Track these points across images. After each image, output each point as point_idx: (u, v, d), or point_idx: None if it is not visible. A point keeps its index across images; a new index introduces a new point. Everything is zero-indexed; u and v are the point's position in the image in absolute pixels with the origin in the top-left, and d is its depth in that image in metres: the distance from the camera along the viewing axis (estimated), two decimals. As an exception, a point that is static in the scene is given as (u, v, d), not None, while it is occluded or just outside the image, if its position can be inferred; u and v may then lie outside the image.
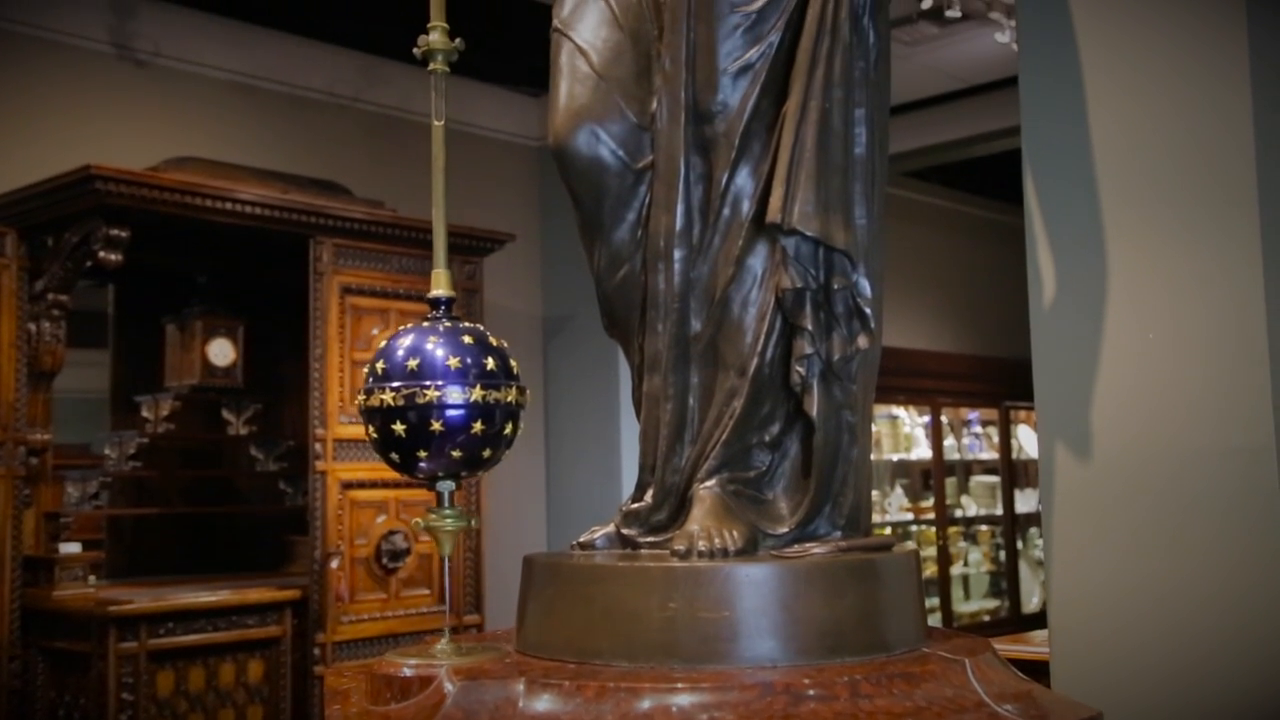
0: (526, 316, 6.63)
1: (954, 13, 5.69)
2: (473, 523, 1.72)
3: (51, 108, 5.08)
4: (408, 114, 6.13)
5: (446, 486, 1.69)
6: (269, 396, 5.56)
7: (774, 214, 1.69)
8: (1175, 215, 2.03)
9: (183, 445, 5.39)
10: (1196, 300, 1.99)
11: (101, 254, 4.41)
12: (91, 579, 4.62)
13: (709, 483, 1.76)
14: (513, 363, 1.69)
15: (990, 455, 9.06)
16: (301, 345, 4.97)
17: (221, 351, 5.32)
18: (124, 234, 4.42)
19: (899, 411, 8.40)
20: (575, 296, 6.42)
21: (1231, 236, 1.96)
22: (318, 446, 4.86)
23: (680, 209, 1.77)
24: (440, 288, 1.72)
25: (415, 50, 1.74)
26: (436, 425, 1.61)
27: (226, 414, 5.42)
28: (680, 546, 1.66)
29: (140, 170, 4.54)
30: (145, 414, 5.31)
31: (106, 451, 5.17)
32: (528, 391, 1.71)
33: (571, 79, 1.81)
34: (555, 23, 1.86)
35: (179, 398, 5.25)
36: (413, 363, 1.63)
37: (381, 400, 1.63)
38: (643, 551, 1.78)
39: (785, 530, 1.73)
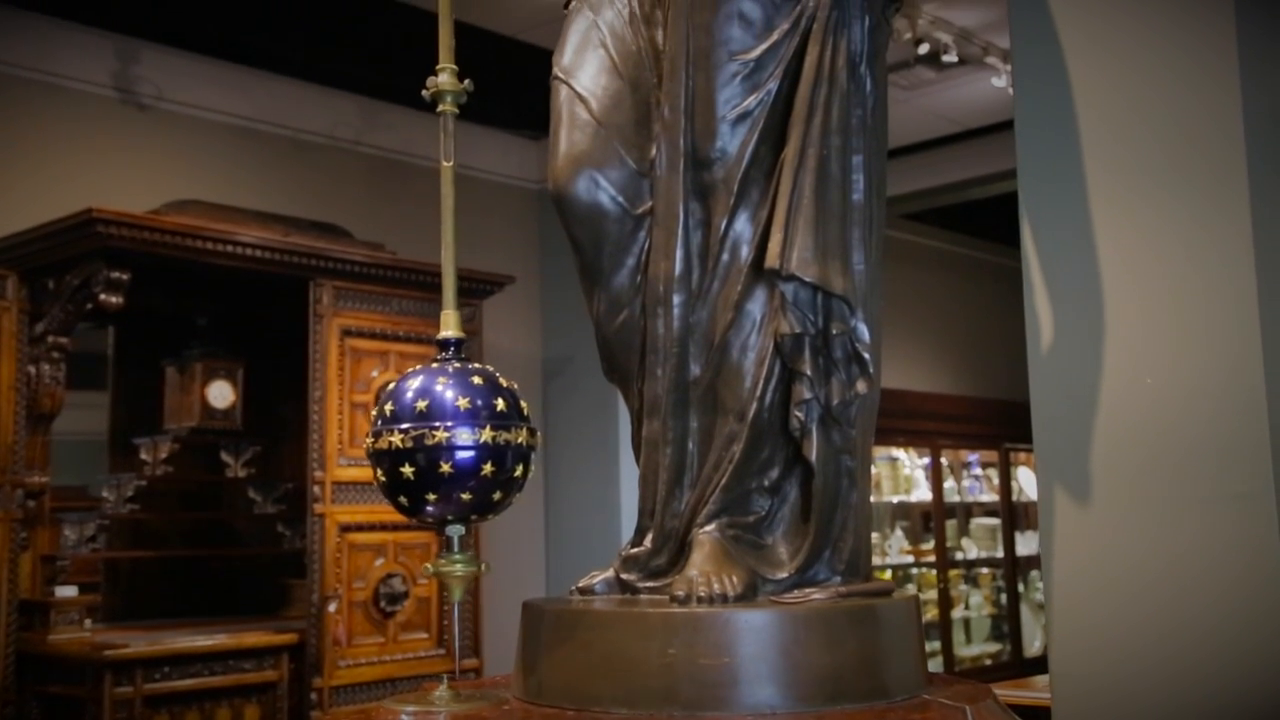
0: (526, 358, 6.64)
1: (950, 58, 5.76)
2: (484, 567, 1.69)
3: (54, 151, 5.11)
4: (408, 157, 6.17)
5: (456, 531, 1.66)
6: (268, 438, 5.56)
7: (772, 259, 1.70)
8: (1172, 260, 2.04)
9: (181, 488, 5.38)
10: (1195, 345, 1.99)
11: (102, 296, 4.42)
12: (87, 623, 4.59)
13: (708, 527, 1.75)
14: (523, 404, 1.67)
15: (991, 497, 9.04)
16: (301, 387, 4.97)
17: (221, 393, 5.32)
18: (125, 276, 4.44)
19: (899, 453, 8.39)
20: (575, 339, 6.43)
21: (1229, 281, 1.97)
22: (316, 489, 4.85)
23: (679, 254, 1.78)
24: (450, 329, 1.71)
25: (424, 92, 1.75)
26: (446, 467, 1.58)
27: (225, 456, 5.41)
28: (680, 592, 1.66)
29: (142, 213, 4.56)
30: (144, 456, 5.30)
31: (104, 494, 5.16)
32: (538, 433, 1.70)
33: (571, 126, 1.82)
34: (555, 70, 1.87)
35: (178, 440, 5.25)
36: (422, 404, 1.60)
37: (390, 442, 1.60)
38: (642, 597, 1.77)
39: (785, 575, 1.73)
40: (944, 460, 8.63)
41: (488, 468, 1.60)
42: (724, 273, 1.77)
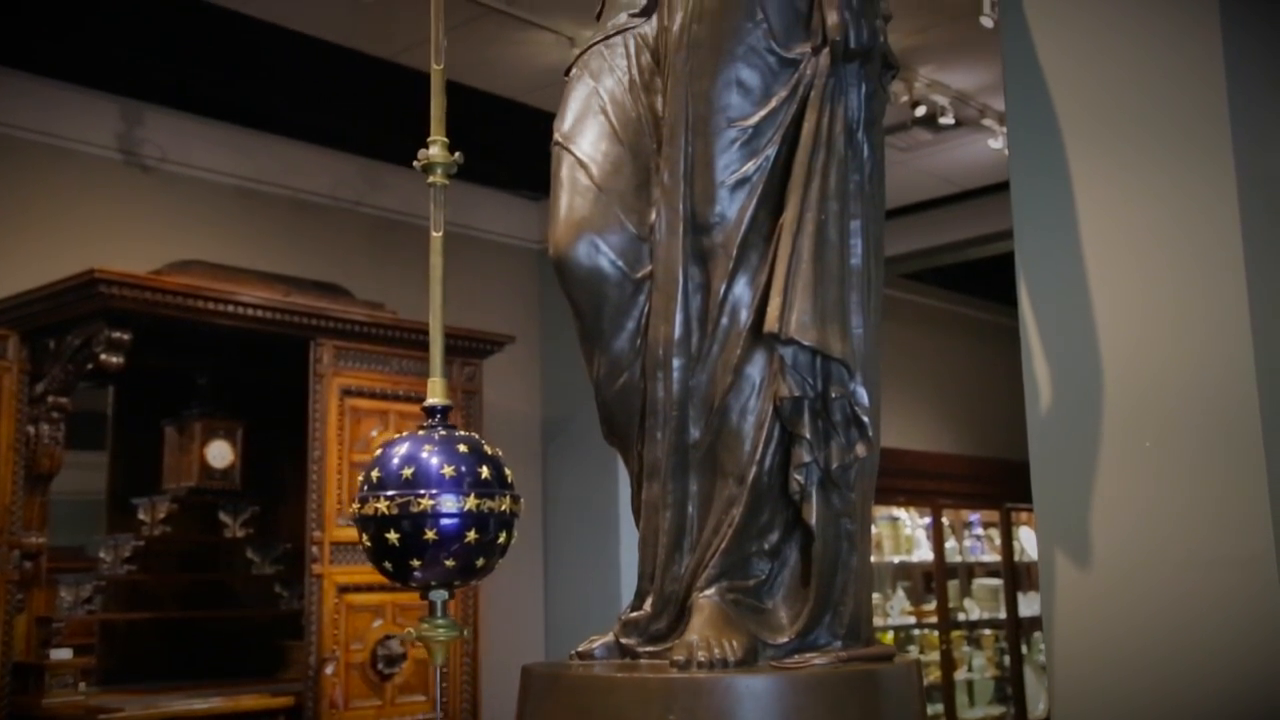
0: (525, 418, 6.64)
1: (947, 119, 5.81)
2: (465, 633, 1.71)
3: (57, 212, 5.15)
4: (410, 217, 6.21)
5: (440, 596, 1.68)
6: (266, 498, 5.54)
7: (771, 323, 1.71)
8: (1169, 325, 2.05)
9: (179, 548, 5.35)
10: (1193, 409, 2.00)
11: (103, 357, 4.43)
12: (82, 686, 4.54)
13: (708, 591, 1.75)
14: (507, 471, 1.70)
15: (993, 558, 8.98)
16: (300, 447, 4.96)
17: (220, 453, 5.31)
18: (126, 337, 4.45)
19: (899, 513, 8.35)
20: (575, 398, 6.43)
21: (1226, 345, 1.98)
22: (314, 549, 4.82)
23: (679, 318, 1.79)
24: (436, 396, 1.73)
25: (415, 163, 1.78)
26: (430, 534, 1.61)
27: (223, 516, 5.39)
28: (679, 657, 1.65)
29: (144, 274, 4.58)
30: (142, 516, 5.28)
31: (101, 555, 5.13)
32: (522, 500, 1.72)
33: (572, 191, 1.85)
34: (556, 136, 1.90)
35: (176, 500, 5.23)
36: (407, 471, 1.63)
37: (375, 508, 1.63)
38: (642, 662, 1.77)
39: (785, 640, 1.72)
40: (945, 520, 8.58)
41: (471, 534, 1.63)
42: (723, 336, 1.78)
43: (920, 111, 5.70)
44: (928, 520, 8.48)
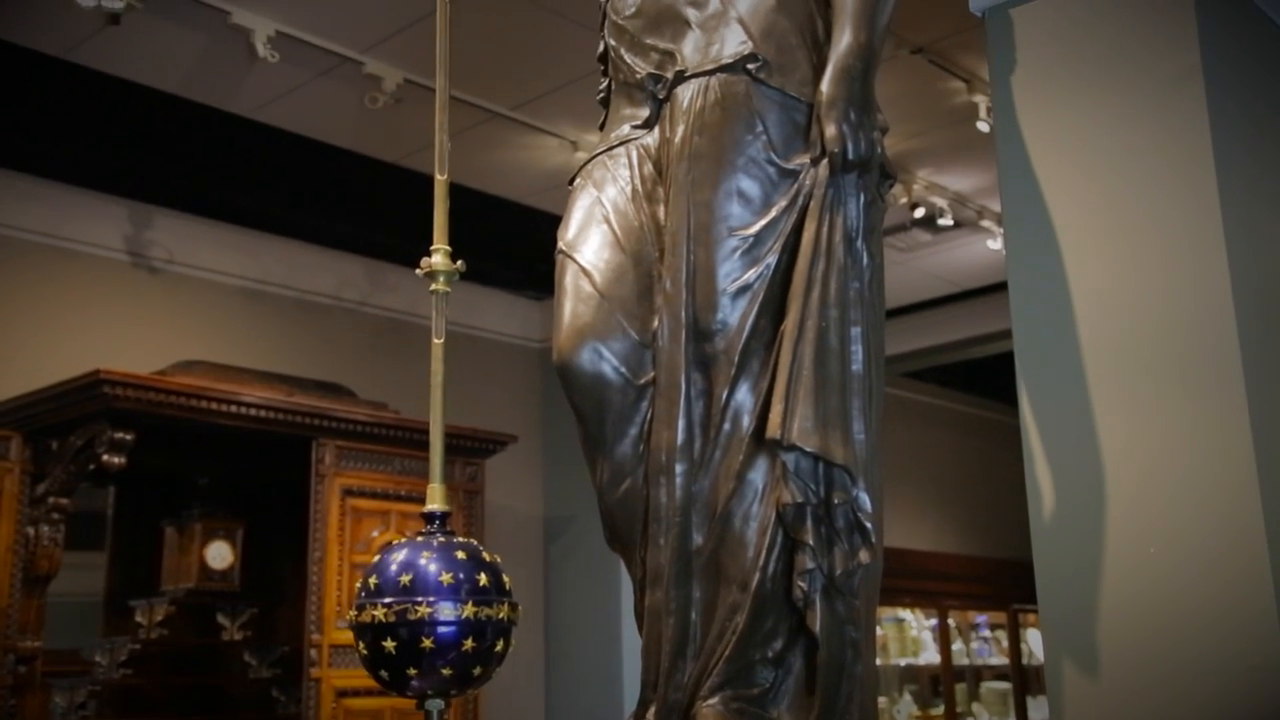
0: (527, 517, 6.60)
1: (946, 221, 5.88)
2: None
3: (64, 313, 5.19)
4: (413, 318, 6.25)
5: (436, 705, 1.67)
6: (265, 600, 5.48)
7: (774, 430, 1.72)
8: (1170, 420, 2.05)
9: (175, 651, 5.27)
10: (1196, 514, 1.99)
11: (105, 457, 4.42)
12: (74, 793, 4.46)
13: (712, 700, 1.73)
14: (505, 579, 1.70)
15: (1000, 660, 8.85)
16: (300, 546, 4.93)
17: (219, 554, 5.28)
18: (129, 437, 4.45)
19: (905, 614, 8.25)
20: (577, 498, 6.39)
21: (1229, 444, 1.98)
22: (313, 653, 4.76)
23: (682, 424, 1.80)
24: (435, 502, 1.73)
25: (418, 271, 1.80)
26: (427, 642, 1.61)
27: (221, 618, 5.33)
28: (684, 768, 1.62)
29: (147, 374, 4.60)
30: (139, 619, 5.22)
31: (97, 658, 5.06)
32: (520, 608, 1.71)
33: (575, 298, 1.87)
34: (560, 244, 1.93)
35: (174, 602, 5.18)
36: (405, 578, 1.63)
37: (373, 616, 1.63)
38: (645, 773, 1.73)
39: (790, 750, 1.69)
40: (951, 621, 8.48)
41: (469, 643, 1.62)
42: (726, 442, 1.79)
43: (919, 213, 5.77)
44: (934, 622, 8.37)
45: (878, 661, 1.89)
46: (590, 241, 1.90)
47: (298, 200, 5.76)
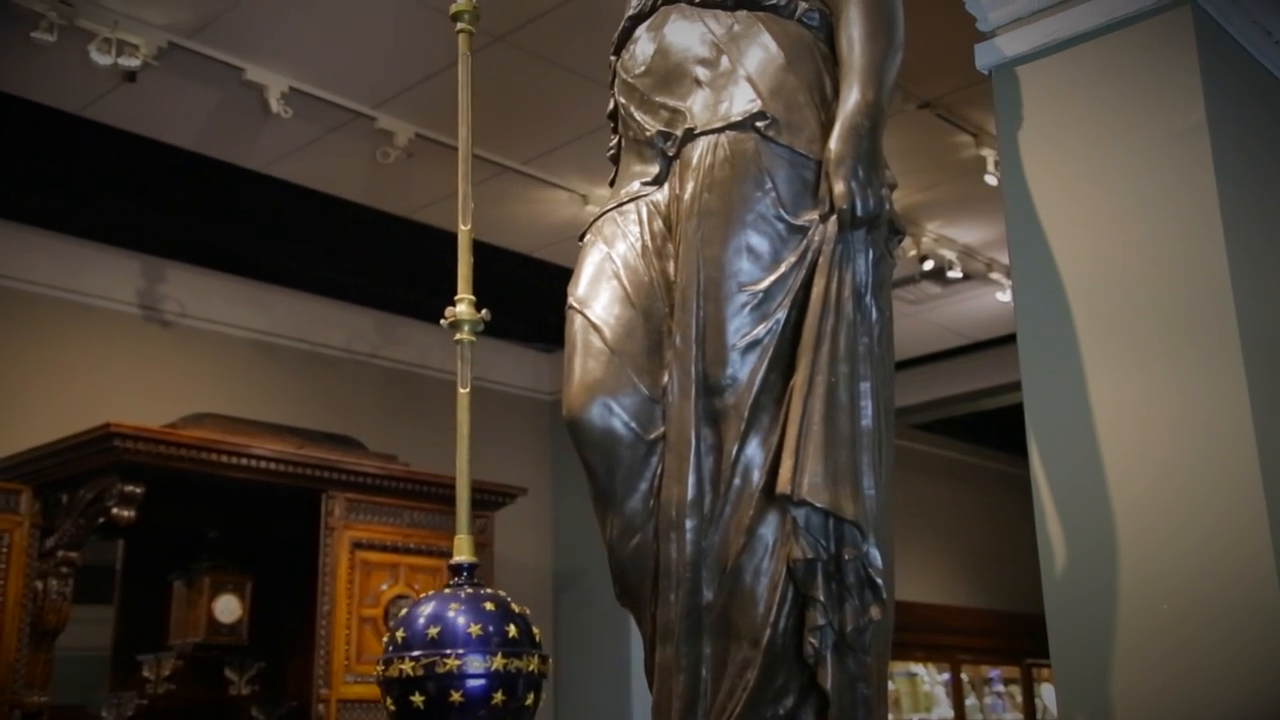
0: (537, 571, 6.57)
1: (955, 273, 5.89)
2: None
3: (75, 367, 5.21)
4: (423, 369, 6.27)
5: (464, 764, 1.63)
6: (273, 654, 5.44)
7: (784, 485, 1.71)
8: (1182, 472, 2.04)
9: (183, 706, 5.23)
10: (1209, 570, 1.97)
11: (115, 510, 4.41)
12: None
13: (723, 758, 1.71)
14: (535, 630, 1.68)
15: (1015, 716, 8.75)
16: (309, 600, 4.90)
17: (228, 608, 5.25)
18: (139, 490, 4.44)
19: (918, 669, 8.18)
20: (587, 552, 6.36)
21: (1244, 502, 1.97)
22: (321, 708, 4.72)
23: (692, 479, 1.79)
24: (463, 553, 1.72)
25: (443, 321, 1.81)
26: (456, 696, 1.58)
27: (229, 673, 5.29)
28: (694, 829, 1.60)
29: (158, 427, 4.60)
30: (146, 673, 5.19)
31: (104, 715, 5.03)
32: (549, 660, 1.69)
33: (585, 354, 1.87)
34: (571, 300, 1.94)
35: (181, 656, 5.14)
36: (434, 630, 1.61)
37: (400, 670, 1.60)
38: (655, 833, 1.71)
39: (802, 810, 1.67)
40: (964, 676, 8.40)
41: (499, 696, 1.60)
42: (736, 498, 1.78)
43: (929, 265, 5.79)
44: (946, 676, 8.29)
45: (890, 718, 1.86)
46: (601, 297, 1.91)
47: (309, 254, 5.80)
